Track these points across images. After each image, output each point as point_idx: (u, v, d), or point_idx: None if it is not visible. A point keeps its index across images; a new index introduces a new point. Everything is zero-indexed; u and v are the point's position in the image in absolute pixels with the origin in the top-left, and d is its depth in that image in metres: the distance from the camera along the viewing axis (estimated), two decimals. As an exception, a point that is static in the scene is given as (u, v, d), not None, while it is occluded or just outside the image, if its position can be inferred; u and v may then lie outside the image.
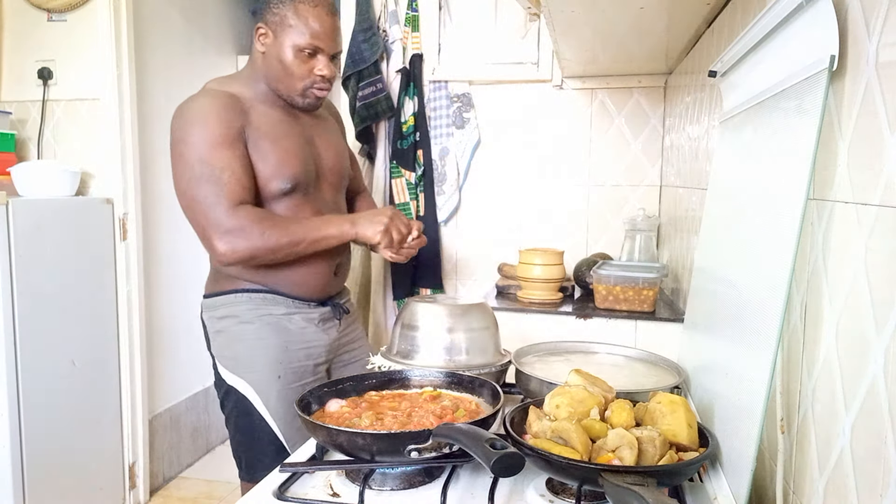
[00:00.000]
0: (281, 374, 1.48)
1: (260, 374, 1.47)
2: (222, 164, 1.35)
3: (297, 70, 1.42)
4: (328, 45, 1.42)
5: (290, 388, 1.47)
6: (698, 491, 0.92)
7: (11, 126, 2.43)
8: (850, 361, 0.73)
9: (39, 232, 2.12)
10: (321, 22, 1.40)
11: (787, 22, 0.93)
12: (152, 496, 2.66)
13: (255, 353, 1.48)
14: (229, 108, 1.40)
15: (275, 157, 1.42)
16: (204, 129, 1.36)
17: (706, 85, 1.75)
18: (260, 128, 1.43)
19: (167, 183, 2.71)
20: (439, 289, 2.84)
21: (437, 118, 2.81)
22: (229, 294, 1.50)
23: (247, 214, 1.36)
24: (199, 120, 1.37)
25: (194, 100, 1.42)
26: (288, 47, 1.40)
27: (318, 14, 1.40)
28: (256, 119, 1.43)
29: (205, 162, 1.35)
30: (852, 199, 0.74)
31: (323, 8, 1.41)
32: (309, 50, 1.41)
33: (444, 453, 0.89)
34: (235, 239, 1.34)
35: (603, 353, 1.38)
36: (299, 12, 1.39)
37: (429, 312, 1.28)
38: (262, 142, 1.42)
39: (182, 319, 2.83)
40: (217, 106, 1.39)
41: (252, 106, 1.44)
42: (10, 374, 2.00)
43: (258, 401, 1.47)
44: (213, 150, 1.35)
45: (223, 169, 1.35)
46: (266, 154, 1.41)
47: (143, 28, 2.56)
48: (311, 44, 1.40)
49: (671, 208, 2.40)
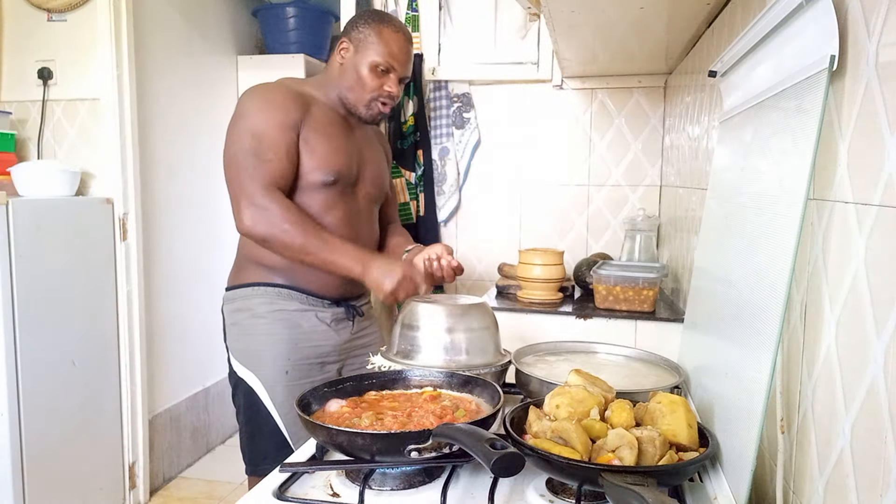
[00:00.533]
0: (289, 369, 1.51)
1: (268, 368, 1.51)
2: (270, 143, 1.44)
3: (369, 82, 1.53)
4: (401, 66, 1.55)
5: (298, 385, 1.49)
6: (698, 491, 0.92)
7: (11, 126, 2.43)
8: (850, 361, 0.73)
9: (39, 232, 2.12)
10: (399, 46, 1.54)
11: (787, 22, 0.93)
12: (152, 496, 2.66)
13: (265, 347, 1.52)
14: (293, 99, 1.50)
15: (323, 149, 1.51)
16: (264, 109, 1.47)
17: (706, 85, 1.75)
18: (316, 122, 1.52)
19: (167, 183, 2.73)
20: (439, 289, 2.84)
21: (437, 118, 2.81)
22: (246, 287, 1.55)
23: (279, 201, 1.42)
24: (262, 100, 1.49)
25: (262, 85, 1.54)
26: (366, 61, 1.53)
27: (397, 39, 1.54)
28: (315, 113, 1.53)
29: (256, 136, 1.44)
30: (852, 199, 0.74)
31: (403, 35, 1.56)
32: (383, 67, 1.53)
33: (444, 453, 0.89)
34: (260, 216, 1.41)
35: (603, 353, 1.38)
36: (382, 34, 1.53)
37: (429, 312, 1.28)
38: (315, 135, 1.50)
39: (182, 319, 2.83)
40: (282, 94, 1.50)
41: (314, 103, 1.55)
42: (10, 374, 2.00)
43: (265, 394, 1.50)
44: (266, 128, 1.45)
45: (270, 147, 1.44)
46: (315, 146, 1.50)
47: (143, 28, 2.56)
48: (387, 62, 1.53)
49: (671, 208, 2.40)
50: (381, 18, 1.56)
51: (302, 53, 3.00)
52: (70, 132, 2.47)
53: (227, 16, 3.15)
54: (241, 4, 3.26)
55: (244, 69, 3.18)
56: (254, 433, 1.53)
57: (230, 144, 1.47)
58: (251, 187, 1.41)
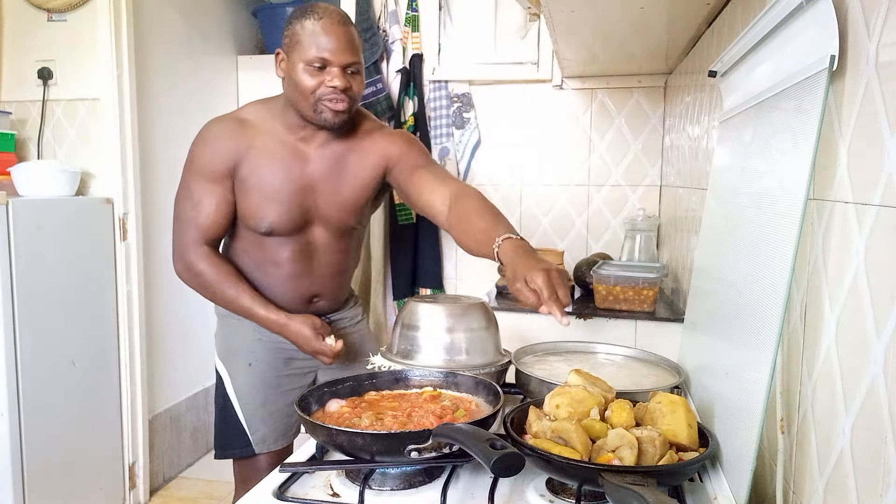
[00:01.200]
0: (252, 362, 1.57)
1: (233, 360, 1.58)
2: (199, 197, 1.44)
3: (307, 84, 1.36)
4: (336, 55, 1.35)
5: (259, 378, 1.56)
6: (698, 491, 0.92)
7: (11, 126, 2.43)
8: (850, 361, 0.73)
9: (39, 232, 2.12)
10: (328, 33, 1.35)
11: (787, 22, 0.93)
12: (152, 496, 2.66)
13: (232, 341, 1.58)
14: (230, 138, 1.43)
15: (255, 199, 1.44)
16: (200, 157, 1.45)
17: (706, 85, 1.75)
18: (256, 160, 1.43)
19: (167, 183, 2.73)
20: (439, 289, 2.84)
21: (437, 118, 2.81)
22: None
23: (204, 260, 1.46)
24: (199, 145, 1.46)
25: (210, 123, 1.48)
26: (299, 64, 1.36)
27: (323, 25, 1.35)
28: (258, 149, 1.43)
29: (188, 188, 1.46)
30: (852, 199, 0.74)
31: (329, 18, 1.36)
32: (317, 63, 1.35)
33: (444, 453, 0.89)
34: (187, 274, 1.48)
35: (603, 353, 1.37)
36: (305, 27, 1.36)
37: (429, 312, 1.28)
38: (251, 179, 1.43)
39: (182, 319, 2.84)
40: (219, 135, 1.44)
41: (259, 134, 1.44)
42: (10, 374, 2.00)
43: (230, 384, 1.57)
44: (199, 179, 1.44)
45: (199, 202, 1.44)
46: (248, 194, 1.45)
47: (143, 28, 2.56)
48: (318, 56, 1.34)
49: (671, 208, 2.40)
50: (303, 12, 1.37)
51: (302, 53, 3.00)
52: (70, 132, 2.48)
53: (227, 16, 3.15)
54: (241, 4, 3.26)
55: (244, 69, 3.18)
56: (219, 420, 1.61)
57: (178, 188, 1.49)
58: (184, 243, 1.46)
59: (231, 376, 1.57)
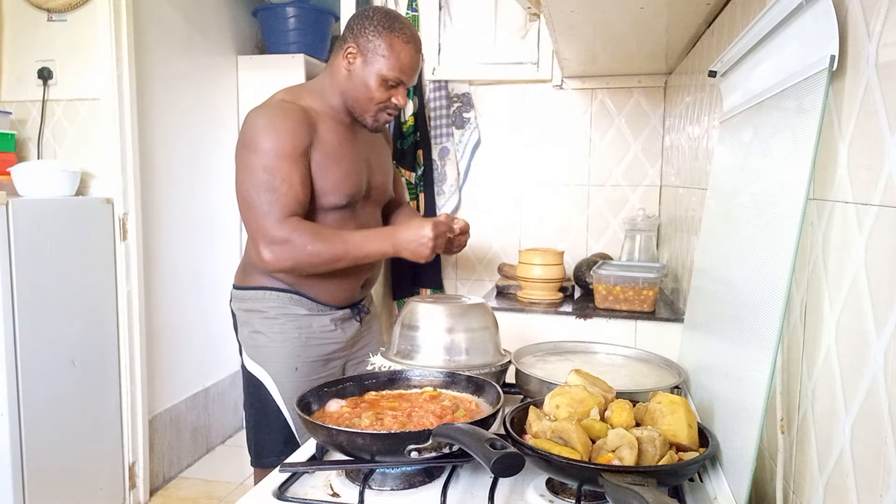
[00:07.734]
0: (298, 366, 1.55)
1: (279, 365, 1.55)
2: (283, 175, 1.42)
3: (377, 95, 1.50)
4: (410, 79, 1.52)
5: (306, 381, 1.54)
6: (698, 491, 0.92)
7: (11, 126, 2.43)
8: (850, 361, 0.73)
9: (39, 232, 2.12)
10: (410, 58, 1.49)
11: (787, 22, 0.93)
12: (152, 496, 2.66)
13: (276, 346, 1.55)
14: (300, 122, 1.46)
15: (336, 175, 1.50)
16: (273, 140, 1.43)
17: (706, 85, 1.75)
18: (326, 143, 1.49)
19: (167, 183, 2.73)
20: (439, 289, 2.84)
21: (437, 118, 2.81)
22: (257, 290, 1.57)
23: (295, 226, 1.41)
24: (269, 130, 1.44)
25: (267, 109, 1.48)
26: (375, 74, 1.48)
27: (409, 51, 1.48)
28: (324, 134, 1.49)
29: (268, 171, 1.41)
30: (852, 199, 0.74)
31: (414, 45, 1.50)
32: (393, 82, 1.49)
33: (444, 453, 0.89)
34: (280, 250, 1.41)
35: (603, 353, 1.38)
36: (393, 45, 1.47)
37: (429, 312, 1.28)
38: (326, 159, 1.48)
39: (182, 319, 2.83)
40: (289, 119, 1.45)
41: (321, 120, 1.51)
42: (10, 374, 2.00)
43: (275, 390, 1.54)
44: (278, 161, 1.42)
45: (283, 180, 1.42)
46: (326, 171, 1.48)
47: (143, 28, 2.56)
48: (397, 77, 1.48)
49: (671, 208, 2.40)
50: (391, 26, 1.48)
51: (302, 53, 3.00)
52: (70, 132, 2.47)
53: (227, 16, 3.15)
54: (241, 4, 3.25)
55: (244, 69, 3.17)
56: (260, 427, 1.57)
57: (242, 181, 1.45)
58: (266, 225, 1.41)
59: (276, 381, 1.54)
